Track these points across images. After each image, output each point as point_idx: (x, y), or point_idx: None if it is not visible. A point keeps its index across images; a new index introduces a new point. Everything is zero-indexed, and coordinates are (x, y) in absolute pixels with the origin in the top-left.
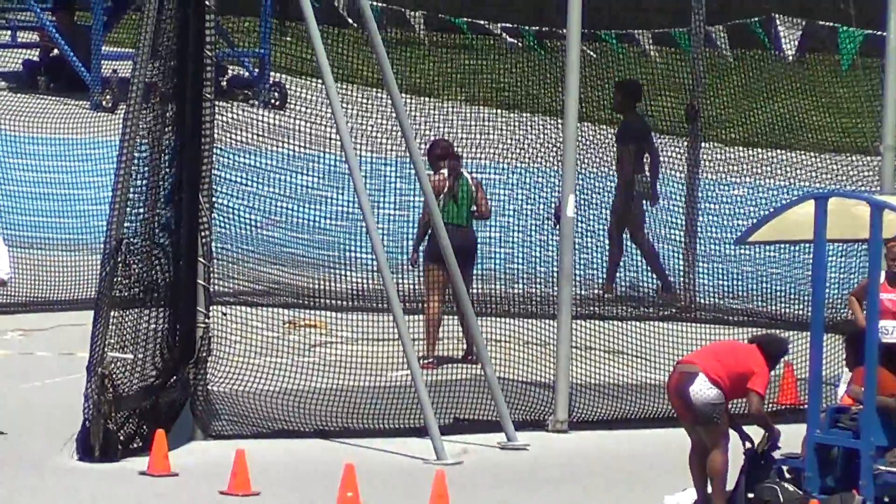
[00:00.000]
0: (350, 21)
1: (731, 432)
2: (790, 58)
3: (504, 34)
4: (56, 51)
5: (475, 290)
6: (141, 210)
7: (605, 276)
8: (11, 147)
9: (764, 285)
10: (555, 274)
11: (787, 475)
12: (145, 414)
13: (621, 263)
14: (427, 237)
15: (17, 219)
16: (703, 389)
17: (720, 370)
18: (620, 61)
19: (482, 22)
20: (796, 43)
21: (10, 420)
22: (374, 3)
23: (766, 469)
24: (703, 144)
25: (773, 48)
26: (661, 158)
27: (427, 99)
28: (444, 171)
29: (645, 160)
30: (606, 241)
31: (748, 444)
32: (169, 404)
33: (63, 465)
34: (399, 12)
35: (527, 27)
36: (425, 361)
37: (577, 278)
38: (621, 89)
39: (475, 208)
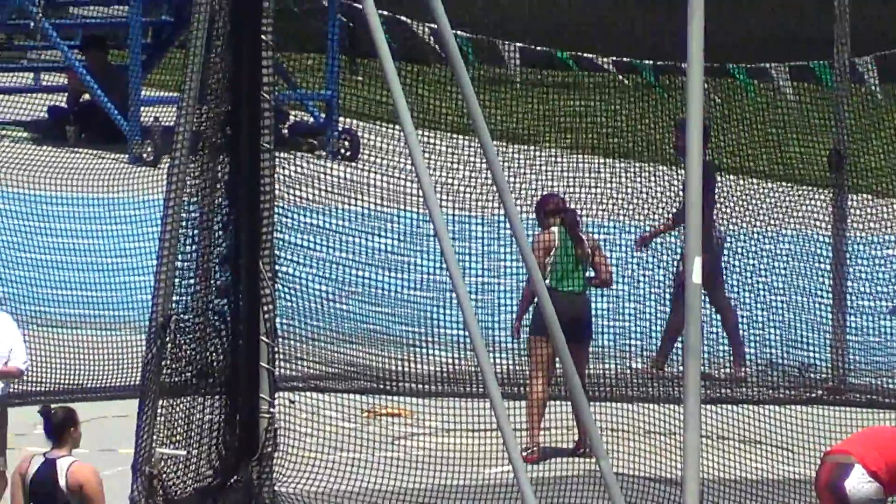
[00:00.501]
0: (439, 51)
1: None
2: None
3: (614, 69)
4: (87, 95)
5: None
6: (192, 281)
7: (658, 349)
8: (35, 208)
9: None
10: (679, 350)
11: None
12: None
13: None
14: (534, 306)
15: (45, 293)
16: (861, 483)
17: (879, 460)
18: (751, 100)
19: (589, 56)
20: None
21: None
22: (461, 34)
23: None
24: (850, 196)
25: None
26: (796, 212)
27: (524, 147)
28: (554, 229)
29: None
30: (739, 313)
31: None
32: None
33: None
34: (492, 45)
35: (642, 61)
36: (528, 454)
37: (706, 355)
38: (682, 130)
39: (592, 273)
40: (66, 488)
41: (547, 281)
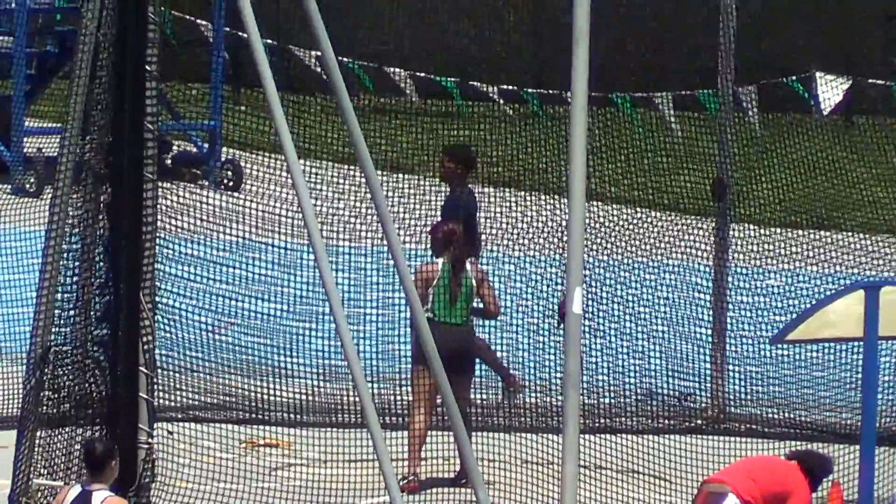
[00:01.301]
0: (323, 75)
1: None
2: (834, 121)
3: (500, 99)
4: None
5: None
6: (71, 313)
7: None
8: None
9: (806, 391)
10: (558, 380)
11: None
12: None
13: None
14: (415, 338)
15: None
16: None
17: (754, 490)
18: (635, 130)
19: (476, 84)
20: (841, 104)
21: None
22: (350, 63)
23: None
24: (732, 226)
25: (815, 111)
26: (679, 242)
27: (407, 176)
28: (440, 261)
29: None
30: (619, 342)
31: None
32: None
33: None
34: (383, 73)
35: (529, 90)
36: (406, 482)
37: (585, 385)
38: (451, 156)
39: (477, 305)
40: None
41: (428, 312)
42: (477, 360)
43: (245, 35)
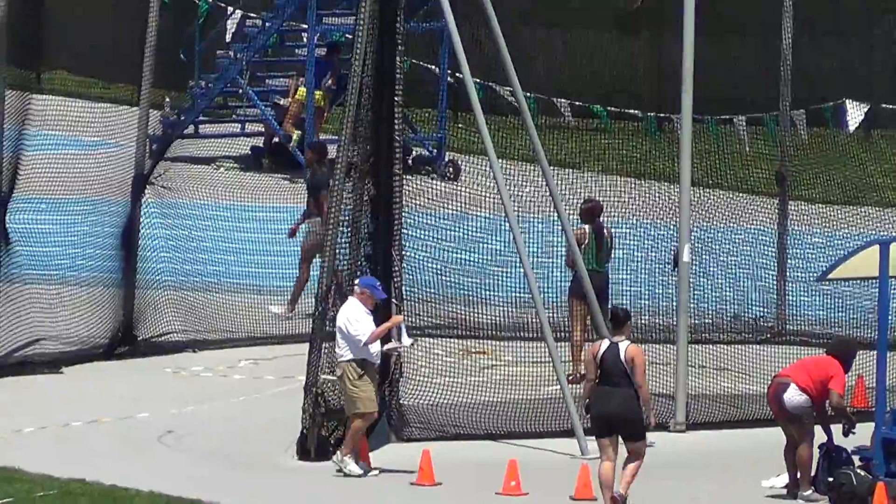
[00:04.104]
0: (511, 101)
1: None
2: (858, 133)
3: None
4: (276, 138)
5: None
6: (346, 262)
7: (290, 297)
8: (241, 214)
9: (840, 313)
10: (674, 307)
11: (859, 463)
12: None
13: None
14: (572, 278)
15: (250, 270)
16: (794, 396)
17: (808, 380)
18: (720, 139)
19: (614, 109)
20: (862, 122)
21: (248, 427)
22: (529, 94)
23: (841, 458)
24: (790, 203)
25: (843, 127)
26: (756, 213)
27: (570, 170)
28: (586, 227)
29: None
30: (715, 282)
31: (826, 440)
32: None
33: (286, 465)
34: (549, 101)
35: (649, 114)
36: (571, 377)
37: (692, 310)
38: (311, 148)
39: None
40: (623, 360)
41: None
42: (610, 293)
43: (460, 75)
